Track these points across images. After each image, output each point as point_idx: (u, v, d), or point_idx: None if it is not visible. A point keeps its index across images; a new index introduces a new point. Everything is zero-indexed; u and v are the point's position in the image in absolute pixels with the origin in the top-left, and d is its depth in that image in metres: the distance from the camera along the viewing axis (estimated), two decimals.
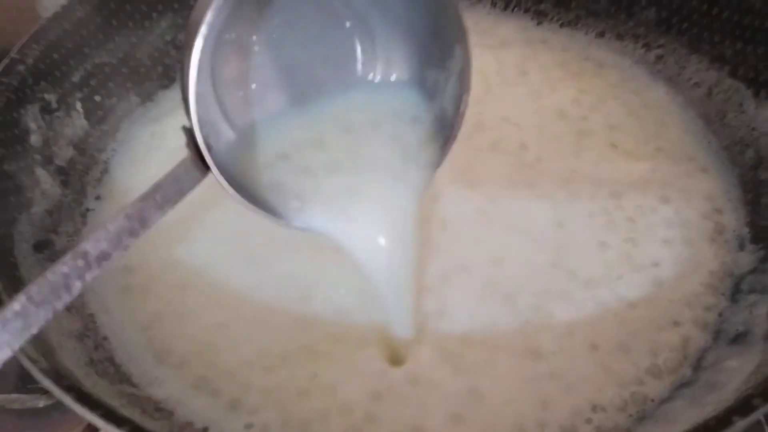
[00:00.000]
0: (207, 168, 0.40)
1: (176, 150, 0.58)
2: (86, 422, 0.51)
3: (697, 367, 0.46)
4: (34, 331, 0.32)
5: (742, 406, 0.36)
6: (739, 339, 0.46)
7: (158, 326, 0.49)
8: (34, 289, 0.32)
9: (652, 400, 0.44)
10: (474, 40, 0.63)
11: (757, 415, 0.35)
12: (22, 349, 0.38)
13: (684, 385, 0.45)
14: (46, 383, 0.37)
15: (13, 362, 0.52)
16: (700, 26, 0.59)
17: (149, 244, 0.52)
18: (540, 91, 0.61)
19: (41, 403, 0.51)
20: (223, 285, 0.51)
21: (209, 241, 0.53)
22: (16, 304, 0.32)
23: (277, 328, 0.48)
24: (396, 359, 0.46)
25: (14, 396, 0.51)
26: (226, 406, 0.45)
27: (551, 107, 0.60)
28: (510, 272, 0.50)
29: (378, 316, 0.47)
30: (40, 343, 0.40)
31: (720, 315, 0.48)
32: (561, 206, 0.53)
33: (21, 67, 0.52)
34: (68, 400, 0.36)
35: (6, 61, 0.52)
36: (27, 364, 0.38)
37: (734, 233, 0.52)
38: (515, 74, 0.63)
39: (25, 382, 0.52)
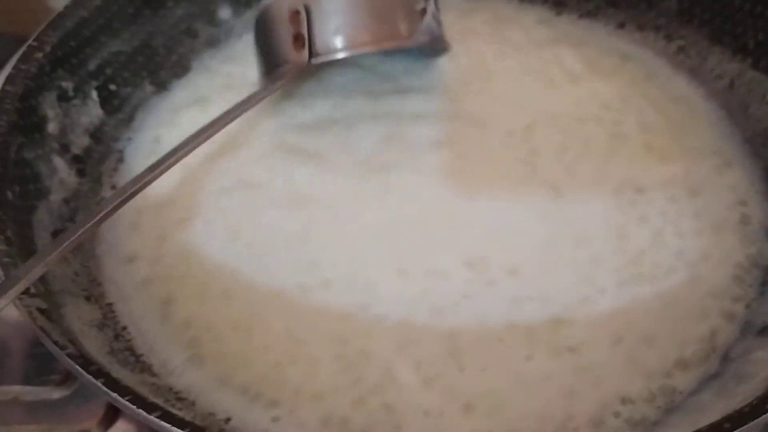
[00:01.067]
0: None
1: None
2: (101, 415, 0.51)
3: (725, 358, 0.45)
4: None
5: None
6: (767, 330, 0.45)
7: (177, 316, 0.49)
8: None
9: (681, 392, 0.44)
10: (495, 34, 0.64)
11: None
12: (48, 335, 0.37)
13: (712, 377, 0.44)
14: (76, 370, 0.36)
15: (23, 357, 0.53)
16: (722, 17, 0.59)
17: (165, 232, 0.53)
18: (568, 90, 0.61)
19: (55, 395, 0.50)
20: (242, 275, 0.50)
21: (227, 234, 0.53)
22: None
23: (306, 323, 0.48)
24: None
25: (28, 388, 0.50)
26: (250, 397, 0.44)
27: (582, 108, 0.59)
28: (537, 268, 0.50)
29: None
30: (65, 331, 0.40)
31: (747, 306, 0.47)
32: (591, 204, 0.53)
33: (39, 54, 0.52)
34: (98, 386, 0.35)
35: (24, 48, 0.52)
36: (55, 350, 0.37)
37: (761, 224, 0.51)
38: (543, 72, 0.62)
39: (37, 374, 0.52)
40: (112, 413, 0.50)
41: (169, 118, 0.61)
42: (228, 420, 0.43)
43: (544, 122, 0.58)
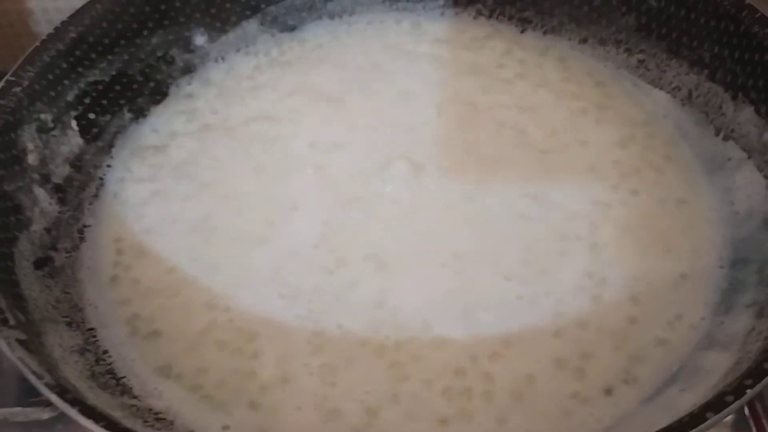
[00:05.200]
0: None
1: (171, 163, 0.60)
2: None
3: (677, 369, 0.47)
4: None
5: (717, 403, 0.37)
6: (719, 339, 0.47)
7: (157, 338, 0.50)
8: None
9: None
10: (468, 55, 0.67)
11: (730, 410, 0.37)
12: (27, 365, 0.39)
13: (666, 383, 0.46)
14: (53, 398, 0.38)
15: (14, 377, 0.54)
16: (679, 31, 0.61)
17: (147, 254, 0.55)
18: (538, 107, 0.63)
19: (45, 415, 0.52)
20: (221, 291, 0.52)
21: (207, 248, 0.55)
22: None
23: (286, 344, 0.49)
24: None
25: (18, 410, 0.52)
26: (225, 414, 0.46)
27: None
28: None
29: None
30: (44, 359, 0.42)
31: (703, 318, 0.49)
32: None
33: (17, 89, 0.53)
34: (74, 414, 0.37)
35: (2, 84, 0.53)
36: (33, 379, 0.39)
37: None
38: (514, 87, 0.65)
39: (28, 396, 0.53)
40: None
41: (148, 144, 0.62)
42: None
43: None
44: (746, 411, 0.51)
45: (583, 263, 0.52)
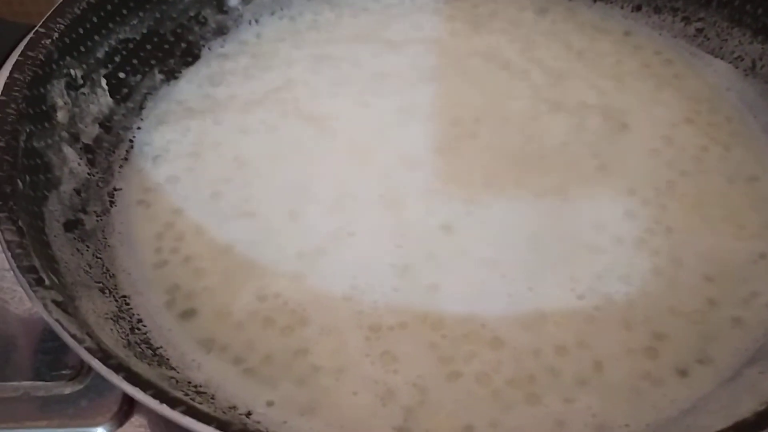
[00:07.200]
0: None
1: (202, 128, 0.57)
2: (115, 410, 0.50)
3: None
4: None
5: None
6: None
7: (197, 312, 0.48)
8: None
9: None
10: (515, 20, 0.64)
11: None
12: (66, 329, 0.36)
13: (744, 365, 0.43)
14: (94, 364, 0.35)
15: (30, 352, 0.52)
16: None
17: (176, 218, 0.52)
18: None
19: (67, 390, 0.50)
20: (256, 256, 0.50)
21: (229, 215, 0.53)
22: None
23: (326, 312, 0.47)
24: None
25: (39, 383, 0.50)
26: (269, 389, 0.44)
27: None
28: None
29: None
30: (81, 324, 0.38)
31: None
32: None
33: (46, 41, 0.51)
34: (118, 380, 0.34)
35: (31, 34, 0.51)
36: (72, 343, 0.36)
37: None
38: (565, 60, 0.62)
39: (49, 369, 0.51)
40: (127, 408, 0.49)
41: (179, 107, 0.60)
42: (249, 414, 0.42)
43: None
44: None
45: (656, 246, 0.49)
